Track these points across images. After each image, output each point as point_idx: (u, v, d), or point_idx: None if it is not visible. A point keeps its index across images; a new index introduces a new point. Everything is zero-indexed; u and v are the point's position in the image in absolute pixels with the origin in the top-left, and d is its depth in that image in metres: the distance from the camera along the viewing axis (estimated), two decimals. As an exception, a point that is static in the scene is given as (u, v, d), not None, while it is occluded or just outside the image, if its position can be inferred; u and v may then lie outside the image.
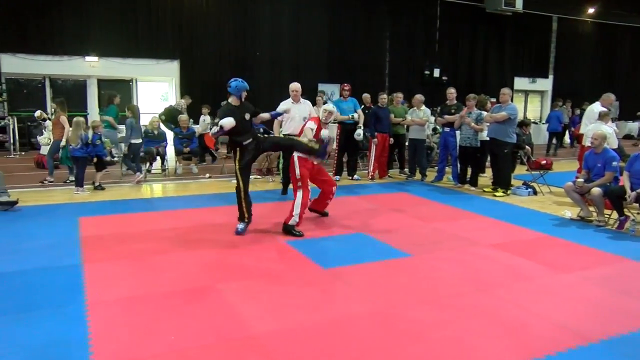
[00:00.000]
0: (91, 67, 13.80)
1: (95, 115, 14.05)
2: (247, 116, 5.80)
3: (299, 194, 5.96)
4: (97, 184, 8.45)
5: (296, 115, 7.77)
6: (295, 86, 7.83)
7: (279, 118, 7.70)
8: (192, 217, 6.67)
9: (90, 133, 8.09)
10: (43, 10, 13.00)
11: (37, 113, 9.84)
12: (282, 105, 7.85)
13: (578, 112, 16.81)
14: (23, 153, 12.61)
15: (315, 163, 6.26)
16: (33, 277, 4.48)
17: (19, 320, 3.63)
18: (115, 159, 9.57)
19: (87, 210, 6.96)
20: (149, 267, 4.79)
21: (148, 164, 10.05)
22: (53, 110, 8.79)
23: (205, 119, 10.96)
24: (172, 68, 14.72)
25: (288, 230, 5.88)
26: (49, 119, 9.74)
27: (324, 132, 6.13)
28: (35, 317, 3.68)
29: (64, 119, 8.72)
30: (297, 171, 6.00)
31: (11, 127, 12.54)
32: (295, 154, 6.05)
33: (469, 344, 3.41)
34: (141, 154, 9.69)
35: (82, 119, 8.50)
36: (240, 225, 5.84)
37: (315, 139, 6.00)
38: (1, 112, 12.74)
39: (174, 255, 5.13)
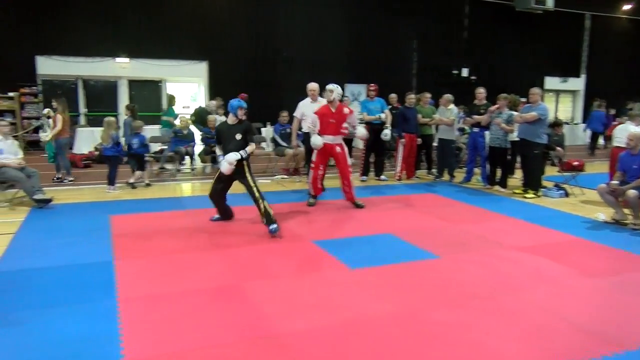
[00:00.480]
0: (122, 68, 14.10)
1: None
2: (238, 136, 5.97)
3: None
4: (146, 182, 8.84)
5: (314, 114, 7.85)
6: (313, 86, 8.01)
7: (298, 116, 8.24)
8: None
9: (120, 133, 8.26)
10: (76, 13, 13.36)
11: (45, 111, 10.13)
12: (301, 106, 8.07)
13: (613, 111, 16.45)
14: (56, 152, 12.91)
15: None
16: (66, 273, 4.59)
17: (51, 314, 3.73)
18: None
19: (117, 208, 7.11)
20: (177, 264, 4.86)
21: (177, 163, 10.20)
22: (54, 108, 9.03)
23: (219, 119, 10.87)
24: (200, 69, 14.92)
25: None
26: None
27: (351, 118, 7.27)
28: (67, 313, 3.77)
29: (58, 117, 8.90)
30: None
31: (46, 126, 12.87)
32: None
33: (493, 346, 3.36)
34: (169, 153, 9.87)
35: (112, 118, 8.72)
36: (273, 226, 5.82)
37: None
38: (37, 112, 13.08)
39: (201, 254, 5.19)
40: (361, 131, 7.54)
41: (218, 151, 6.25)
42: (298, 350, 3.27)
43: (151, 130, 10.98)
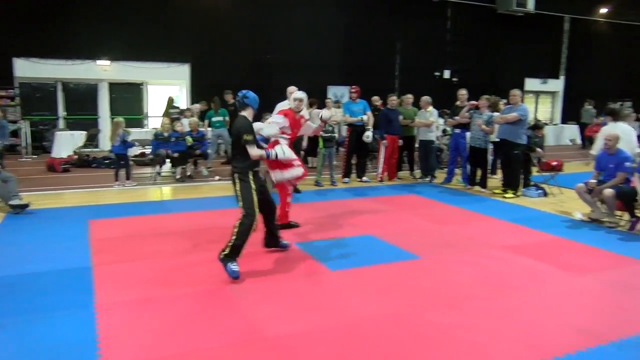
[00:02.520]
0: (103, 70, 13.92)
1: (106, 118, 14.22)
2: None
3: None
4: (178, 177, 9.55)
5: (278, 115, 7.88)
6: (293, 89, 7.94)
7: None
8: (201, 219, 6.69)
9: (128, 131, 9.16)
10: (55, 15, 13.11)
11: None
12: (279, 108, 7.97)
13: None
14: (35, 157, 12.74)
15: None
16: (43, 279, 4.52)
17: (30, 321, 3.66)
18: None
19: (97, 212, 7.01)
20: (158, 269, 4.81)
21: (158, 167, 10.10)
22: None
23: (184, 123, 10.66)
24: (183, 71, 14.80)
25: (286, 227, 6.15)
26: None
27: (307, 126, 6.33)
28: (45, 319, 3.71)
29: None
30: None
31: (24, 131, 12.70)
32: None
33: (483, 346, 3.39)
34: (150, 156, 9.79)
35: (121, 119, 9.21)
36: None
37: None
38: (14, 116, 12.87)
39: (184, 258, 5.15)
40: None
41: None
42: (289, 354, 3.26)
43: (135, 134, 10.89)
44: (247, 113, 4.83)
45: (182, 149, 9.68)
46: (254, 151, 4.70)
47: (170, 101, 12.72)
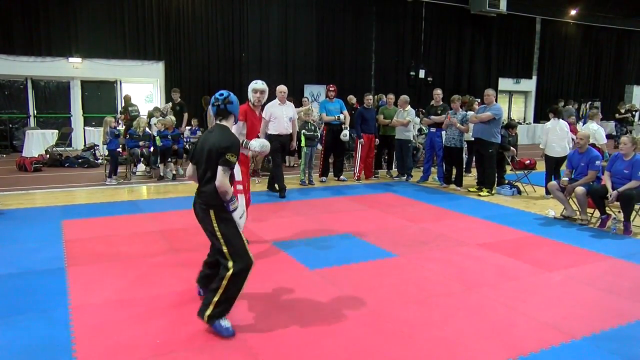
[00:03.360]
0: (75, 68, 13.64)
1: (79, 116, 13.94)
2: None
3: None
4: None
5: (283, 116, 7.98)
6: (282, 88, 7.95)
7: (267, 118, 7.78)
8: (176, 219, 6.61)
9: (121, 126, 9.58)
10: (26, 11, 12.81)
11: None
12: (269, 108, 7.91)
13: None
14: (4, 156, 12.44)
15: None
16: (16, 280, 4.42)
17: (3, 324, 3.58)
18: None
19: (70, 213, 6.88)
20: (133, 270, 4.74)
21: (132, 166, 9.96)
22: None
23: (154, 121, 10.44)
24: (156, 69, 14.61)
25: None
26: None
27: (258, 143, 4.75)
28: (18, 321, 3.63)
29: None
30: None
31: None
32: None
33: (457, 343, 3.43)
34: (124, 155, 9.66)
35: (109, 117, 9.41)
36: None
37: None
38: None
39: (158, 258, 5.09)
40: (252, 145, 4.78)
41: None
42: (265, 354, 3.25)
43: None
44: (229, 123, 3.64)
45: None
46: (225, 180, 3.36)
47: (128, 99, 12.36)
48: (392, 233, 6.16)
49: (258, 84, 5.24)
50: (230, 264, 3.38)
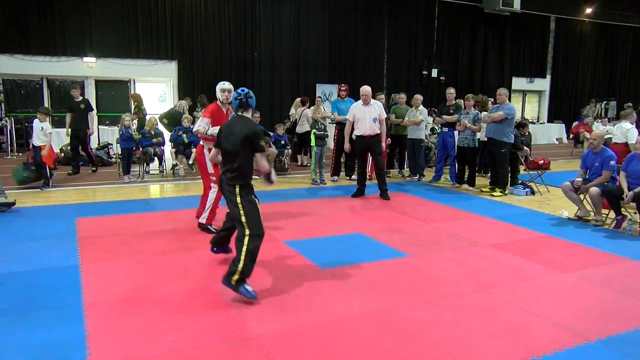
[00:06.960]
0: (89, 67, 13.79)
1: (93, 115, 14.03)
2: None
3: (214, 189, 5.80)
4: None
5: (366, 117, 7.97)
6: (364, 89, 8.00)
7: (350, 119, 8.12)
8: (189, 217, 6.64)
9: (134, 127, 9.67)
10: (41, 11, 12.99)
11: None
12: (352, 109, 8.12)
13: (584, 111, 17.33)
14: (20, 154, 12.57)
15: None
16: (31, 278, 4.47)
17: (18, 320, 3.63)
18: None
19: (85, 211, 6.95)
20: (146, 267, 4.78)
21: (145, 165, 10.03)
22: None
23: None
24: (169, 69, 14.71)
25: (203, 228, 5.92)
26: None
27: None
28: (33, 318, 3.67)
29: None
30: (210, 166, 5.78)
31: (8, 128, 12.52)
32: (206, 146, 5.71)
33: (468, 344, 3.41)
34: (137, 155, 9.74)
35: (123, 115, 9.50)
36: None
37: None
38: (-1, 112, 12.70)
39: (171, 256, 5.12)
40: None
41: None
42: (276, 352, 3.26)
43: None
44: (249, 114, 4.33)
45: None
46: (264, 162, 4.21)
47: (140, 99, 12.51)
48: (403, 233, 6.14)
49: (225, 85, 5.84)
50: (247, 231, 4.03)
